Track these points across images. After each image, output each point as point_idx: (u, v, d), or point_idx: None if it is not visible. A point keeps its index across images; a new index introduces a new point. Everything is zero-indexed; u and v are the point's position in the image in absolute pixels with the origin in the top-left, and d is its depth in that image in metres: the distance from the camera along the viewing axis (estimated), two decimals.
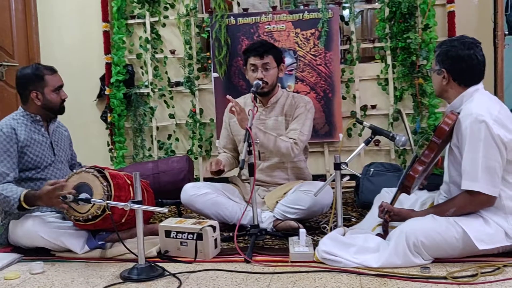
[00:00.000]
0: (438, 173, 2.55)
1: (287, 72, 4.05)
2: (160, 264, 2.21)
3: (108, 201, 2.23)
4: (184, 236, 2.34)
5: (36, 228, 2.43)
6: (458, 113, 2.16)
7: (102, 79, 4.43)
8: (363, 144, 2.44)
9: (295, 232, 2.46)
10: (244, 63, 2.93)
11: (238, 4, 4.24)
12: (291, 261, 2.22)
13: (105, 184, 2.36)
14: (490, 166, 2.05)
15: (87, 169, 2.42)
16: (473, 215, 2.11)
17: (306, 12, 4.05)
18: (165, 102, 4.35)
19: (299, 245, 2.29)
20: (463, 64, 2.18)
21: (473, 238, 2.06)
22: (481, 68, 2.21)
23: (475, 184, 2.05)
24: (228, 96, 2.62)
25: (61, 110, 2.72)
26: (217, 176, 2.86)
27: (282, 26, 4.08)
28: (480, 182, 2.05)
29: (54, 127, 2.77)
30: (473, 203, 2.10)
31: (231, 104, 2.65)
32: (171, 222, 2.42)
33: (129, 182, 2.51)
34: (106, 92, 4.33)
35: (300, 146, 2.78)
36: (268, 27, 4.09)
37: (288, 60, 4.04)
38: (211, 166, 2.80)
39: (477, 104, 2.11)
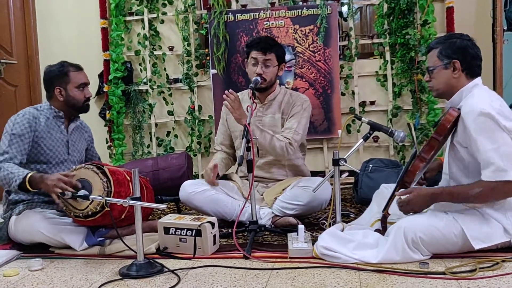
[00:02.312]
0: (441, 171, 2.55)
1: (286, 69, 4.04)
2: (159, 261, 2.22)
3: (106, 198, 2.23)
4: (183, 232, 2.34)
5: (36, 224, 2.43)
6: (459, 109, 2.15)
7: (101, 76, 4.43)
8: (361, 140, 2.44)
9: (294, 228, 2.46)
10: (246, 55, 2.92)
11: (237, 0, 4.24)
12: (290, 257, 2.22)
13: (104, 180, 2.36)
14: (509, 152, 2.01)
15: (87, 165, 2.42)
16: (472, 211, 2.10)
17: (304, 8, 4.05)
18: (164, 99, 4.36)
19: (298, 241, 2.29)
20: (472, 52, 2.18)
21: (469, 238, 2.05)
22: (481, 58, 2.23)
23: (505, 174, 1.99)
24: (226, 92, 2.62)
25: (84, 108, 2.74)
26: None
27: (281, 23, 4.08)
28: (509, 171, 1.99)
29: (75, 126, 2.79)
30: (502, 192, 2.03)
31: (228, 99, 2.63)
32: (170, 219, 2.42)
33: (128, 178, 2.51)
34: (105, 89, 4.33)
35: (294, 146, 2.78)
36: (266, 24, 4.09)
37: (287, 56, 4.02)
38: (208, 175, 2.83)
39: (478, 99, 2.09)
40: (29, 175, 2.36)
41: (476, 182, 2.07)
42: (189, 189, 2.81)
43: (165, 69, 4.36)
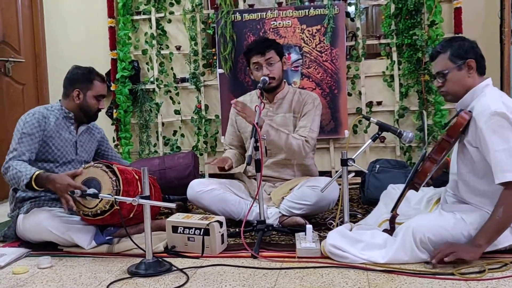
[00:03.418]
0: (445, 171, 2.55)
1: (293, 69, 4.05)
2: (167, 259, 2.22)
3: (116, 196, 2.24)
4: (191, 231, 2.34)
5: (45, 222, 2.45)
6: (470, 111, 2.14)
7: (108, 75, 4.44)
8: (370, 140, 2.44)
9: (301, 228, 2.46)
10: (247, 64, 2.93)
11: (244, 0, 4.24)
12: (298, 257, 2.23)
13: (114, 179, 2.37)
14: None
15: (96, 164, 2.43)
16: (481, 212, 2.09)
17: (312, 8, 4.05)
18: (171, 98, 4.37)
19: (305, 241, 2.29)
20: (480, 52, 2.20)
21: None
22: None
23: None
24: (232, 102, 2.63)
25: (94, 117, 2.79)
26: (223, 172, 2.87)
27: (288, 22, 4.08)
28: None
29: (85, 128, 2.82)
30: None
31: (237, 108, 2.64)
32: (178, 218, 2.43)
33: (137, 177, 2.53)
34: (112, 88, 4.34)
35: (311, 143, 2.78)
36: (274, 23, 4.09)
37: (293, 56, 4.05)
38: (213, 160, 2.82)
39: (491, 98, 2.09)
40: (35, 174, 2.37)
41: (496, 204, 2.02)
42: (197, 188, 2.81)
43: (172, 68, 4.37)
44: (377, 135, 2.42)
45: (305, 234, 2.32)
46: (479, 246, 2.00)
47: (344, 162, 2.36)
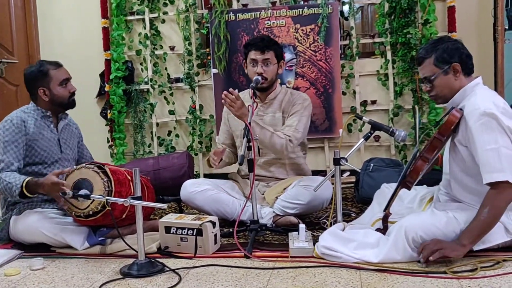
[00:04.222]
0: (438, 169, 2.55)
1: (287, 68, 4.05)
2: (160, 260, 2.22)
3: (107, 197, 2.23)
4: (184, 232, 2.34)
5: (37, 224, 2.44)
6: (461, 109, 2.14)
7: (102, 75, 4.43)
8: (362, 139, 2.44)
9: (295, 228, 2.46)
10: (244, 57, 2.92)
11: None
12: (291, 257, 2.22)
13: (105, 179, 2.36)
14: (509, 155, 1.99)
15: (87, 165, 2.42)
16: (473, 211, 2.08)
17: (305, 7, 4.04)
18: (165, 98, 4.36)
19: (299, 240, 2.29)
20: (466, 52, 2.19)
21: None
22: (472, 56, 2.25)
23: (501, 175, 1.97)
24: (225, 92, 2.61)
25: (70, 103, 2.71)
26: (218, 167, 2.86)
27: (282, 22, 4.07)
28: (506, 172, 1.97)
29: (64, 124, 2.78)
30: (502, 197, 1.99)
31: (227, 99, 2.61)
32: (171, 218, 2.42)
33: (129, 178, 2.52)
34: (106, 89, 4.34)
35: (294, 143, 2.77)
36: (268, 23, 4.09)
37: (288, 55, 4.04)
38: (213, 157, 2.81)
39: (482, 98, 2.09)
40: (24, 182, 2.36)
41: (481, 204, 2.02)
42: (190, 188, 2.81)
43: (166, 68, 4.36)
44: (369, 134, 2.42)
45: (298, 234, 2.32)
46: (463, 246, 2.00)
47: (336, 161, 2.36)
